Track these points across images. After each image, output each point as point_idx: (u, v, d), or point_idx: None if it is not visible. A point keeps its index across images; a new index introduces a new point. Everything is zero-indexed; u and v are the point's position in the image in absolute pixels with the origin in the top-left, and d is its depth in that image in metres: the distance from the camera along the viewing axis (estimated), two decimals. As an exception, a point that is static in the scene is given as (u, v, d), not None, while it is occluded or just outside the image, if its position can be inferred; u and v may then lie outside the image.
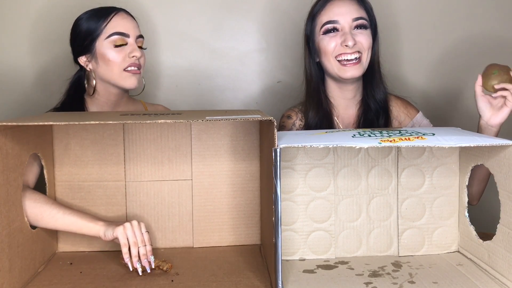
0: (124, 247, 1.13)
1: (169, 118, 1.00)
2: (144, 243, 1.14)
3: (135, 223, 1.15)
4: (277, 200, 0.98)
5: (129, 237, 1.13)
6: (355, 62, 1.42)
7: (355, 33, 1.42)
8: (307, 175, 1.22)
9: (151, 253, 1.14)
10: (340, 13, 1.42)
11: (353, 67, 1.42)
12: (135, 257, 1.12)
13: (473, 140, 1.02)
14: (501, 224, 1.07)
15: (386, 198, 1.24)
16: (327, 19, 1.43)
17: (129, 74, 1.46)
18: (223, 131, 1.30)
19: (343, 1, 1.44)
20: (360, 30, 1.43)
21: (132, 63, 1.46)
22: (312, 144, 0.99)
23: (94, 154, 1.28)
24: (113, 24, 1.45)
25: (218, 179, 1.31)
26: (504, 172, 1.04)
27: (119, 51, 1.45)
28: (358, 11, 1.44)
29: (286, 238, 1.22)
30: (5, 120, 1.00)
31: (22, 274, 1.08)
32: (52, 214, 1.16)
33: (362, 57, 1.43)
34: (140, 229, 1.15)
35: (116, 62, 1.45)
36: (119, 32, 1.45)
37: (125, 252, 1.13)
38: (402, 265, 1.18)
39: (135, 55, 1.46)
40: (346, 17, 1.42)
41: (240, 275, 1.12)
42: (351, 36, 1.40)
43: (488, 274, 1.10)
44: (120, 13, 1.48)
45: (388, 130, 1.13)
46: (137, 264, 1.12)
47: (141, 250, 1.13)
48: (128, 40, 1.47)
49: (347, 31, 1.42)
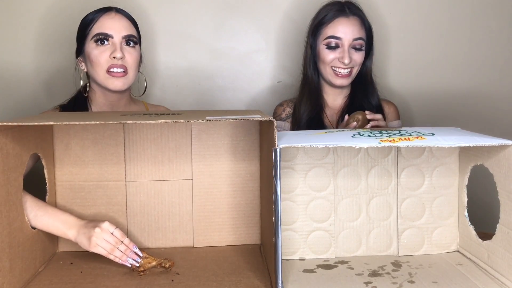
0: (107, 256, 1.13)
1: (169, 118, 1.00)
2: (119, 242, 1.14)
3: (98, 230, 1.13)
4: (277, 200, 0.98)
5: (103, 247, 1.13)
6: (346, 75, 1.60)
7: (352, 51, 1.59)
8: (307, 175, 1.22)
9: (132, 244, 1.14)
10: (344, 31, 1.58)
11: (344, 78, 1.61)
12: (122, 256, 1.13)
13: (472, 140, 1.02)
14: (501, 224, 1.07)
15: (385, 198, 1.24)
16: (332, 33, 1.59)
17: (111, 77, 1.44)
18: (223, 131, 1.30)
19: (349, 20, 1.59)
20: (357, 50, 1.60)
21: (114, 64, 1.44)
22: (312, 144, 0.99)
23: (94, 154, 1.28)
24: (98, 25, 1.45)
25: (218, 179, 1.31)
26: (503, 172, 1.04)
27: (101, 52, 1.44)
28: (359, 31, 1.59)
29: (286, 238, 1.22)
30: (5, 120, 1.01)
31: (23, 273, 1.08)
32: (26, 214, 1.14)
33: (353, 70, 1.61)
34: (108, 232, 1.13)
35: (98, 63, 1.43)
36: (102, 33, 1.44)
37: (112, 258, 1.13)
38: (401, 265, 1.18)
39: (115, 56, 1.43)
40: (348, 36, 1.58)
41: (240, 275, 1.12)
42: (348, 55, 1.57)
43: (487, 273, 1.10)
44: (108, 13, 1.46)
45: (387, 130, 1.13)
46: (128, 260, 1.13)
47: (121, 248, 1.13)
48: (111, 40, 1.44)
49: (346, 49, 1.58)
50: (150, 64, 1.84)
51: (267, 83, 1.98)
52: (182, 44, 1.93)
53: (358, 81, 1.66)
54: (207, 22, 1.93)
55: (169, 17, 1.91)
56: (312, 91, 1.66)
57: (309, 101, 1.65)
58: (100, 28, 1.44)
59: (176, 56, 1.93)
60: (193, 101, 1.95)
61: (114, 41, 1.45)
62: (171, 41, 1.92)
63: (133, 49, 1.48)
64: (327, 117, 1.67)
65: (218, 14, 1.93)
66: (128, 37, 1.47)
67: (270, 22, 1.95)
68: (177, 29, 1.92)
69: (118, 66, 1.44)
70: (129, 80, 1.47)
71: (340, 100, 1.69)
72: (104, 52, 1.44)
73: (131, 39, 1.47)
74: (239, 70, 1.96)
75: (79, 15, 1.51)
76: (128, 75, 1.46)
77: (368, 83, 1.67)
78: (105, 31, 1.44)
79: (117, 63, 1.44)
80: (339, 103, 1.69)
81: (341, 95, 1.69)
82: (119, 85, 1.45)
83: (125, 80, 1.46)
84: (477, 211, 1.29)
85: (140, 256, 1.14)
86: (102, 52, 1.43)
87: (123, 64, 1.45)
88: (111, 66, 1.44)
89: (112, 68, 1.44)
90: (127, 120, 1.00)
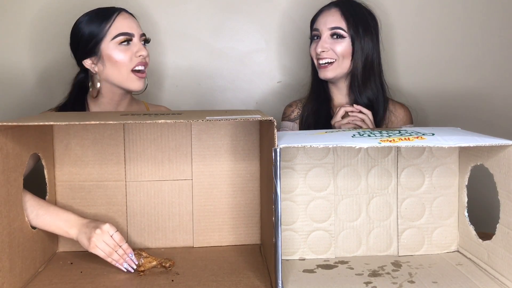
0: (106, 259, 1.14)
1: (169, 118, 1.00)
2: (117, 246, 1.14)
3: (99, 231, 1.13)
4: (277, 200, 0.98)
5: (102, 249, 1.13)
6: (327, 65, 1.59)
7: (331, 41, 1.58)
8: (307, 175, 1.22)
9: (130, 250, 1.15)
10: (322, 22, 1.60)
11: (326, 70, 1.59)
12: (119, 260, 1.14)
13: (472, 140, 1.02)
14: (501, 224, 1.07)
15: (385, 198, 1.24)
16: (315, 26, 1.62)
17: (136, 77, 1.47)
18: (223, 131, 1.30)
19: (329, 12, 1.60)
20: (336, 39, 1.58)
21: (140, 62, 1.47)
22: (312, 144, 0.99)
23: (94, 154, 1.28)
24: (116, 25, 1.45)
25: (218, 179, 1.31)
26: (503, 172, 1.04)
27: (125, 51, 1.45)
28: (337, 21, 1.58)
29: (286, 238, 1.22)
30: (5, 120, 1.01)
31: (23, 273, 1.08)
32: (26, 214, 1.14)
33: (337, 62, 1.58)
34: (108, 234, 1.14)
35: (123, 62, 1.45)
36: (124, 33, 1.45)
37: (110, 261, 1.14)
38: (401, 265, 1.18)
39: (141, 54, 1.46)
40: (326, 26, 1.59)
41: (240, 275, 1.12)
42: (322, 44, 1.58)
43: (487, 273, 1.10)
44: (122, 13, 1.48)
45: (387, 130, 1.13)
46: (124, 265, 1.14)
47: (119, 252, 1.14)
48: (134, 39, 1.47)
49: (324, 39, 1.59)
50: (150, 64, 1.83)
51: (267, 83, 1.98)
52: (182, 44, 1.93)
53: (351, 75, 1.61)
54: (207, 22, 1.93)
55: (169, 17, 1.91)
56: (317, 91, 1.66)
57: (316, 101, 1.65)
58: (120, 28, 1.45)
59: (176, 56, 1.93)
60: (193, 101, 1.95)
61: (135, 41, 1.47)
62: (172, 41, 1.92)
63: (146, 46, 1.52)
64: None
65: (218, 14, 1.93)
66: (143, 35, 1.51)
67: (270, 22, 1.95)
68: (177, 29, 1.92)
69: (143, 64, 1.48)
70: (145, 78, 1.51)
71: (343, 98, 1.66)
72: (128, 51, 1.45)
73: (146, 38, 1.52)
74: (239, 70, 1.96)
75: (75, 13, 1.51)
76: (146, 74, 1.51)
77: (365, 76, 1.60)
78: (127, 30, 1.46)
79: (143, 61, 1.47)
80: (343, 101, 1.67)
81: (342, 92, 1.66)
82: (141, 85, 1.49)
83: (144, 80, 1.50)
84: (477, 211, 1.29)
85: (136, 263, 1.14)
86: (126, 51, 1.45)
87: (146, 61, 1.49)
88: (137, 64, 1.46)
89: (138, 67, 1.47)
90: (127, 120, 1.01)
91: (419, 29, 1.97)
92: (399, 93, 1.88)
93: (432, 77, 1.99)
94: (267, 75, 1.97)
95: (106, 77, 1.48)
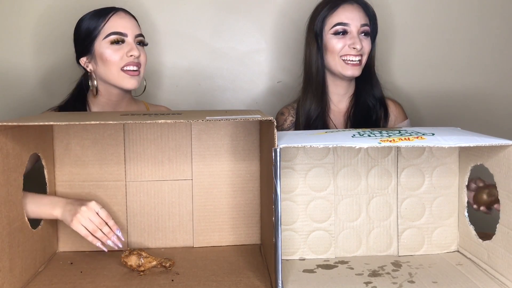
0: (86, 237, 1.13)
1: (169, 118, 1.00)
2: (103, 224, 1.14)
3: (84, 208, 1.13)
4: (277, 200, 0.98)
5: (86, 226, 1.13)
6: (357, 63, 1.56)
7: (361, 38, 1.56)
8: (307, 175, 1.22)
9: (116, 227, 1.15)
10: (350, 17, 1.55)
11: (354, 67, 1.56)
12: (103, 237, 1.14)
13: (472, 140, 1.02)
14: (501, 224, 1.07)
15: (385, 198, 1.24)
16: (338, 20, 1.55)
17: (127, 75, 1.46)
18: (223, 131, 1.30)
19: (353, 7, 1.57)
20: (365, 36, 1.57)
21: (130, 62, 1.46)
22: (312, 144, 0.99)
23: (94, 154, 1.28)
24: (110, 24, 1.45)
25: (218, 179, 1.31)
26: (503, 172, 1.04)
27: (116, 50, 1.45)
28: (364, 18, 1.57)
29: (286, 238, 1.22)
30: (5, 120, 1.01)
31: (23, 274, 1.08)
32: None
33: (363, 59, 1.57)
34: (94, 211, 1.14)
35: (113, 61, 1.44)
36: (117, 32, 1.45)
37: (91, 240, 1.14)
38: (401, 265, 1.18)
39: (133, 54, 1.45)
40: (355, 22, 1.55)
41: (240, 275, 1.12)
42: (359, 40, 1.54)
43: (487, 273, 1.10)
44: (118, 13, 1.48)
45: (387, 130, 1.13)
46: (108, 242, 1.14)
47: (105, 230, 1.14)
48: (126, 39, 1.46)
49: (355, 35, 1.55)
50: (150, 64, 1.84)
51: (267, 83, 1.98)
52: (182, 44, 1.93)
53: (362, 75, 1.60)
54: (207, 22, 1.93)
55: (169, 17, 1.91)
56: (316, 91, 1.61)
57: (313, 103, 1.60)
58: (113, 27, 1.45)
59: (176, 56, 1.94)
60: (193, 101, 1.95)
61: (128, 40, 1.47)
62: (171, 41, 1.92)
63: (143, 48, 1.51)
64: (332, 120, 1.63)
65: (218, 14, 1.93)
66: (139, 36, 1.50)
67: (270, 22, 1.95)
68: (177, 29, 1.92)
69: (134, 64, 1.46)
70: (140, 79, 1.50)
71: (346, 101, 1.64)
72: (119, 50, 1.45)
73: (142, 39, 1.51)
74: (239, 70, 1.96)
75: (78, 14, 1.51)
76: (140, 74, 1.49)
77: (372, 75, 1.62)
78: (120, 30, 1.46)
79: (134, 61, 1.46)
80: (344, 104, 1.64)
81: (346, 95, 1.64)
82: (134, 84, 1.47)
83: (138, 78, 1.48)
84: (477, 211, 1.29)
85: (122, 240, 1.15)
86: (117, 51, 1.45)
87: (138, 62, 1.48)
88: (127, 64, 1.45)
89: (128, 66, 1.45)
90: (127, 120, 1.01)
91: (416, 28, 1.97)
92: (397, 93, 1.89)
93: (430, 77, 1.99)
94: (267, 75, 1.98)
95: (100, 76, 1.48)
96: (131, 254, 1.14)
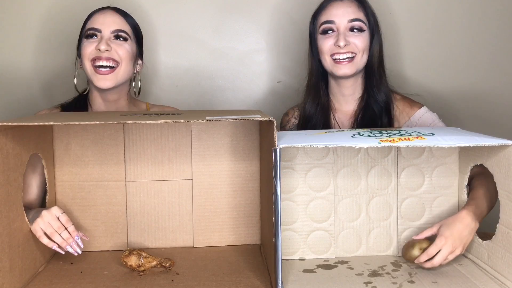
0: (41, 239, 1.13)
1: (169, 118, 1.00)
2: (62, 228, 1.14)
3: (45, 212, 1.14)
4: (277, 200, 0.98)
5: (44, 229, 1.13)
6: (348, 61, 1.46)
7: (350, 34, 1.47)
8: (307, 175, 1.22)
9: (76, 233, 1.15)
10: (337, 14, 1.48)
11: (346, 66, 1.46)
12: (62, 243, 1.14)
13: (472, 140, 1.02)
14: (501, 224, 1.07)
15: (385, 198, 1.24)
16: (325, 19, 1.49)
17: (100, 75, 1.41)
18: (223, 131, 1.30)
19: (342, 3, 1.49)
20: (356, 32, 1.47)
21: (100, 57, 1.41)
22: (312, 144, 0.99)
23: (94, 154, 1.28)
24: (90, 21, 1.46)
25: (218, 179, 1.31)
26: (503, 172, 1.04)
27: (89, 45, 1.44)
28: (355, 13, 1.48)
29: (286, 238, 1.22)
30: (5, 120, 1.01)
31: (23, 273, 1.08)
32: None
33: (356, 57, 1.47)
34: (54, 216, 1.14)
35: (84, 53, 1.44)
36: (91, 28, 1.45)
37: (46, 243, 1.14)
38: (401, 265, 1.18)
39: (100, 48, 1.41)
40: (341, 18, 1.47)
41: (240, 275, 1.12)
42: (344, 37, 1.46)
43: (487, 273, 1.10)
44: (103, 10, 1.48)
45: (387, 130, 1.13)
46: (67, 248, 1.14)
47: (64, 235, 1.14)
48: (100, 34, 1.44)
49: (342, 32, 1.47)
50: (150, 64, 1.83)
51: (267, 83, 1.98)
52: (182, 44, 1.93)
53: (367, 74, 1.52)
54: (207, 22, 1.93)
55: (169, 18, 1.91)
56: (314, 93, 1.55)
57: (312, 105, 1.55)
58: (91, 24, 1.46)
59: (176, 56, 1.93)
60: (193, 101, 1.95)
61: (102, 35, 1.44)
62: (171, 41, 1.92)
63: (123, 42, 1.45)
64: (337, 121, 1.55)
65: (218, 14, 1.93)
66: (117, 31, 1.45)
67: (270, 22, 1.95)
68: (177, 29, 1.92)
69: (103, 59, 1.41)
70: (118, 77, 1.43)
71: (353, 103, 1.54)
72: (91, 44, 1.43)
73: (120, 34, 1.45)
74: (239, 70, 1.96)
75: (79, 15, 1.51)
76: (116, 71, 1.43)
77: (373, 75, 1.52)
78: (95, 26, 1.45)
79: (102, 55, 1.41)
80: (351, 106, 1.55)
81: (353, 96, 1.54)
82: (106, 84, 1.41)
83: (112, 77, 1.42)
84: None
85: (81, 247, 1.16)
86: (89, 44, 1.44)
87: (109, 56, 1.42)
88: (97, 58, 1.41)
89: (98, 61, 1.41)
90: (127, 120, 1.01)
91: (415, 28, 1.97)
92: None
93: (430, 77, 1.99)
94: (267, 75, 1.97)
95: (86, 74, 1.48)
96: (131, 254, 1.14)
